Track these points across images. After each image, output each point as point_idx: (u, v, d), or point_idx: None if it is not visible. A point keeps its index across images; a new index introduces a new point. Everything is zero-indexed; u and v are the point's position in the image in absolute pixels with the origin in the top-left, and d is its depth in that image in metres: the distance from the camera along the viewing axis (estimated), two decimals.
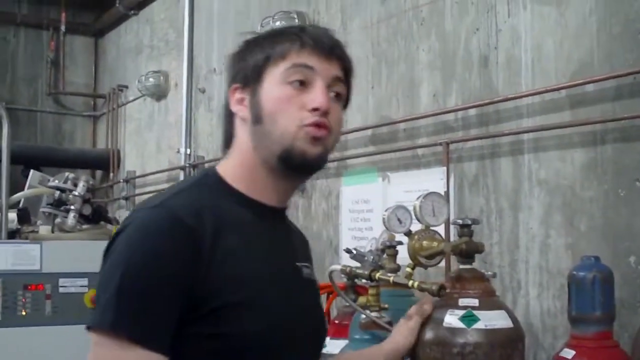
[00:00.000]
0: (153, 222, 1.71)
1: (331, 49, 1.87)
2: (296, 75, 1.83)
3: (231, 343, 1.67)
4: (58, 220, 5.71)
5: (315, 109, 1.81)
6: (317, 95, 1.82)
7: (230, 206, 1.82)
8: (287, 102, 1.82)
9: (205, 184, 1.89)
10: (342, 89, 1.90)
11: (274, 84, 1.84)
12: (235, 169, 1.89)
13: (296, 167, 1.84)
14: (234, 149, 1.92)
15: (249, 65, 1.89)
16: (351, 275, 3.24)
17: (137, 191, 7.89)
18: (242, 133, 1.90)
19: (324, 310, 3.85)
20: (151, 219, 1.72)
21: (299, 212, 5.08)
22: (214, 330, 1.67)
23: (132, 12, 8.14)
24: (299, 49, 1.84)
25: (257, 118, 1.85)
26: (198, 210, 1.73)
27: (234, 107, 1.92)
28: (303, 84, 1.83)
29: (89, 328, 1.64)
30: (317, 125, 1.81)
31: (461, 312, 2.78)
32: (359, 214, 4.54)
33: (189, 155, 6.67)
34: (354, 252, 3.42)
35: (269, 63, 1.86)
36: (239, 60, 1.94)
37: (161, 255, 1.64)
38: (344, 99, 1.94)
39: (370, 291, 3.13)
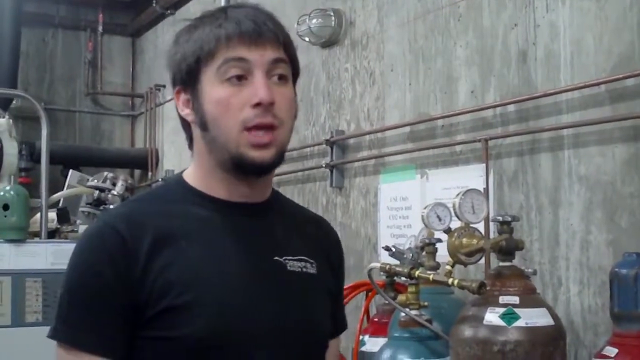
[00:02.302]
0: (90, 234, 1.77)
1: (259, 34, 1.74)
2: (231, 71, 1.72)
3: (176, 346, 1.66)
4: None
5: (257, 104, 1.70)
6: (257, 89, 1.71)
7: (188, 208, 1.79)
8: (227, 103, 1.72)
9: (168, 188, 1.91)
10: (284, 69, 1.77)
11: (212, 85, 1.74)
12: (196, 171, 1.85)
13: (251, 172, 1.77)
14: (194, 151, 1.86)
15: (182, 66, 1.79)
16: (390, 273, 3.23)
17: None
18: (197, 136, 1.83)
19: (363, 308, 3.85)
20: (90, 231, 1.79)
21: (337, 210, 5.08)
22: (159, 334, 1.67)
23: (169, 12, 8.15)
24: (226, 41, 1.73)
25: (202, 124, 1.77)
26: (139, 219, 1.74)
27: (182, 112, 1.84)
28: (241, 78, 1.72)
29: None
30: (261, 127, 1.71)
31: (501, 310, 2.77)
32: (397, 211, 4.53)
33: None
34: (393, 249, 3.41)
35: (200, 63, 1.75)
36: (173, 59, 1.83)
37: (93, 265, 1.70)
38: (291, 75, 1.82)
39: (410, 289, 3.12)
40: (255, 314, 1.72)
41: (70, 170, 7.15)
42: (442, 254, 3.16)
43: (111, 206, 5.84)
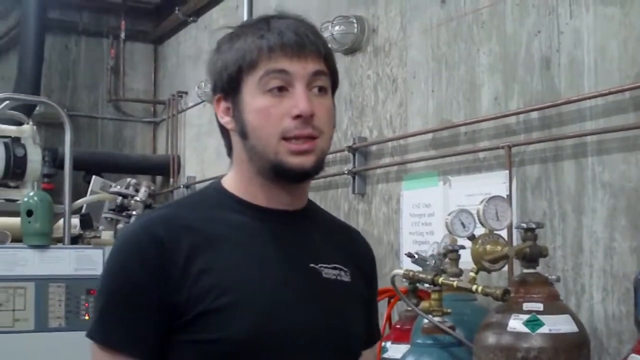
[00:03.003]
0: (127, 236, 1.79)
1: (301, 47, 1.75)
2: (273, 82, 1.74)
3: (214, 349, 1.67)
4: (120, 225, 5.77)
5: (298, 116, 1.72)
6: (298, 101, 1.72)
7: (228, 214, 1.81)
8: (267, 114, 1.74)
9: (207, 194, 1.91)
10: (324, 82, 1.79)
11: (252, 95, 1.76)
12: (236, 178, 1.86)
13: (291, 179, 1.79)
14: (234, 158, 1.88)
15: (223, 75, 1.81)
16: (414, 279, 3.23)
17: None
18: (236, 144, 1.85)
19: (385, 315, 3.85)
20: (127, 233, 1.81)
21: (359, 216, 5.08)
22: (196, 337, 1.68)
23: (191, 19, 8.17)
24: (268, 53, 1.74)
25: (243, 133, 1.79)
26: (178, 222, 1.76)
27: (222, 119, 1.85)
28: (282, 89, 1.74)
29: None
30: (301, 137, 1.73)
31: (525, 317, 2.77)
32: (420, 218, 4.53)
33: None
34: (416, 256, 3.41)
35: (242, 73, 1.77)
36: (214, 67, 1.85)
37: (128, 267, 1.72)
38: (330, 87, 1.83)
39: (433, 296, 3.12)
40: (291, 320, 1.73)
41: (93, 177, 7.18)
42: (464, 260, 3.16)
43: (134, 212, 5.87)
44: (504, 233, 3.10)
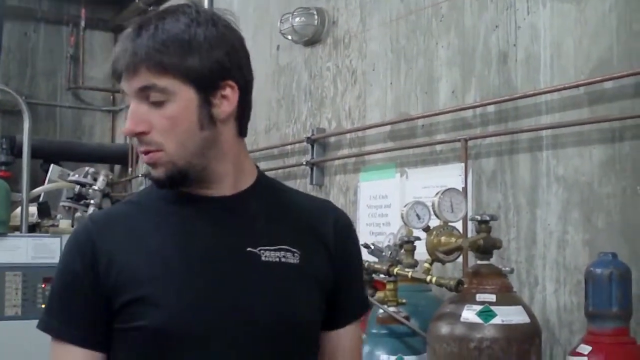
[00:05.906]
0: (72, 233, 1.86)
1: (115, 69, 1.74)
2: (126, 102, 1.77)
3: (138, 337, 1.70)
4: (78, 214, 5.76)
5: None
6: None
7: (162, 204, 1.82)
8: None
9: (152, 186, 1.91)
10: (156, 94, 1.70)
11: None
12: None
13: (160, 188, 1.80)
14: None
15: None
16: (369, 270, 3.26)
17: None
18: None
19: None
20: (75, 229, 1.91)
21: None
22: (124, 326, 1.71)
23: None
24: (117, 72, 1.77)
25: None
26: (116, 215, 1.84)
27: None
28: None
29: None
30: (143, 153, 1.76)
31: (478, 307, 2.81)
32: (376, 209, 4.56)
33: None
34: (372, 247, 3.43)
35: None
36: None
37: (68, 261, 1.78)
38: (192, 90, 1.72)
39: (388, 286, 3.15)
40: (215, 306, 1.72)
41: (52, 165, 7.15)
42: (420, 251, 3.19)
43: (92, 201, 5.86)
44: (458, 225, 3.14)
